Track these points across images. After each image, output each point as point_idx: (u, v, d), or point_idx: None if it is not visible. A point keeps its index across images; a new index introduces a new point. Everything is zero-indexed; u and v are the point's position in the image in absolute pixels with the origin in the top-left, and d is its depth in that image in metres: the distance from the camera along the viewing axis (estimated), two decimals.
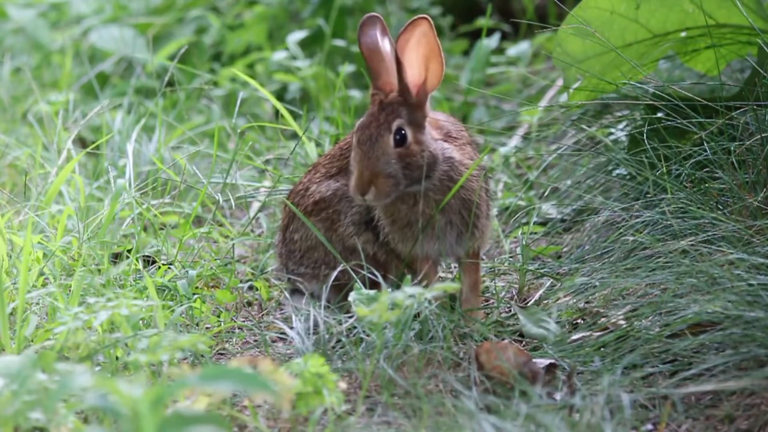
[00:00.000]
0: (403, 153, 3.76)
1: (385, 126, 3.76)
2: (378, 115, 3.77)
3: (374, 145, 3.74)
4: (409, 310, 3.52)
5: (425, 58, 3.78)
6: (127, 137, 5.07)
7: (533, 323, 3.85)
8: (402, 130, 3.76)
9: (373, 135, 3.75)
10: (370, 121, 3.77)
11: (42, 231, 4.31)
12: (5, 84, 6.37)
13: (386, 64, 3.81)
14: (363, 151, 3.74)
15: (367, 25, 3.86)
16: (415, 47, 3.76)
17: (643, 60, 4.43)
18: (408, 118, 3.78)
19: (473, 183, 3.86)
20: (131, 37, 6.62)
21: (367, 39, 3.84)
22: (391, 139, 3.75)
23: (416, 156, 3.76)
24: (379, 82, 3.82)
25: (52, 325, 3.49)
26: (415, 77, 3.78)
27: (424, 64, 3.78)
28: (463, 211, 3.84)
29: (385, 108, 3.78)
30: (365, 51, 3.83)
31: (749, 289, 3.49)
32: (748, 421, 3.31)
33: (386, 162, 3.74)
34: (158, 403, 2.70)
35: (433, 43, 3.77)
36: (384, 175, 3.74)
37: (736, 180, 4.05)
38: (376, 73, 3.82)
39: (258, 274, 4.38)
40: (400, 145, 3.76)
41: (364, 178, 3.73)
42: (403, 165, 3.75)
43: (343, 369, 3.57)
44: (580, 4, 4.35)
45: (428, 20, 3.75)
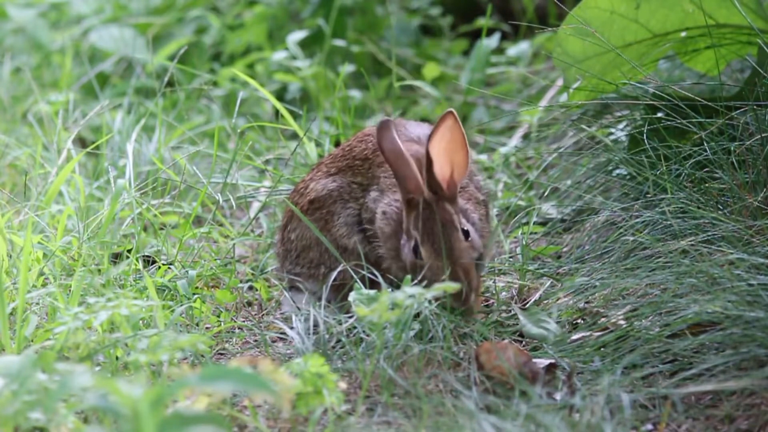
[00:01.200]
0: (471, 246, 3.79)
1: (449, 225, 3.75)
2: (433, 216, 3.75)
3: (453, 248, 3.74)
4: (409, 310, 3.52)
5: (450, 152, 3.77)
6: (127, 137, 5.07)
7: (533, 323, 3.85)
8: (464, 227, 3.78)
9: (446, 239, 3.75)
10: (432, 226, 3.74)
11: (42, 231, 4.31)
12: (5, 84, 6.37)
13: (411, 165, 3.78)
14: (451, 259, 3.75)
15: (384, 130, 3.82)
16: (444, 144, 3.76)
17: (643, 60, 4.43)
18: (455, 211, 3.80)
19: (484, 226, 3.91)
20: (131, 37, 6.62)
21: (389, 144, 3.81)
22: (461, 235, 3.77)
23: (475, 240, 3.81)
24: (410, 184, 3.79)
25: (52, 325, 3.49)
26: (443, 172, 3.78)
27: (449, 157, 3.78)
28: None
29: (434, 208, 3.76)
30: (390, 156, 3.80)
31: (749, 289, 3.49)
32: (748, 421, 3.31)
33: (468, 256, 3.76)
34: (158, 403, 2.71)
35: (459, 136, 3.76)
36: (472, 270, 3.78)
37: (736, 180, 4.05)
38: (404, 177, 3.79)
39: (258, 274, 4.38)
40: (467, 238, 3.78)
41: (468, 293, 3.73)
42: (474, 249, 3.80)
43: (343, 369, 3.57)
44: (580, 4, 4.35)
45: (454, 115, 3.76)
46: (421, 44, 6.58)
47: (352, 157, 3.99)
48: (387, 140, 3.81)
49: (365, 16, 6.52)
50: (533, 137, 5.26)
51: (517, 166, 5.24)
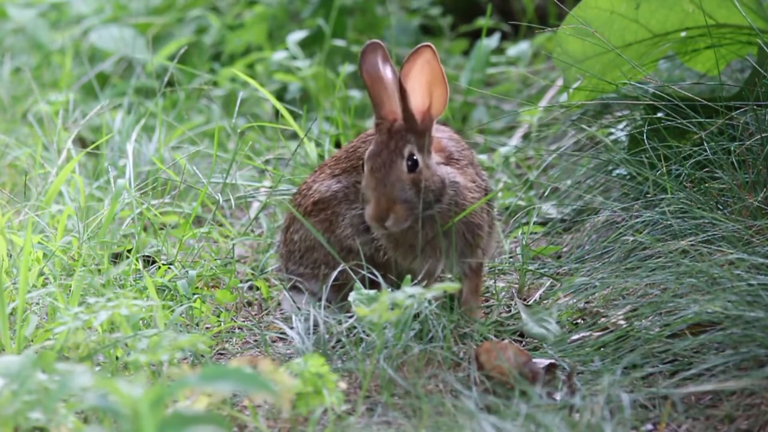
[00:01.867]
0: (415, 179, 3.75)
1: (396, 152, 3.75)
2: (388, 142, 3.76)
3: (389, 172, 3.74)
4: (409, 310, 3.52)
5: (429, 85, 3.77)
6: (127, 137, 5.07)
7: (534, 322, 3.85)
8: (413, 155, 3.76)
9: (386, 162, 3.74)
10: (381, 148, 3.76)
11: (42, 231, 4.31)
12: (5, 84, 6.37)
13: (388, 92, 3.80)
14: (378, 179, 3.73)
15: (368, 52, 3.83)
16: (419, 75, 3.75)
17: (643, 60, 4.43)
18: (417, 144, 3.77)
19: (478, 208, 3.87)
20: (131, 37, 6.62)
21: (369, 67, 3.82)
22: (404, 165, 3.75)
23: (428, 181, 3.77)
24: (383, 110, 3.80)
25: (52, 325, 3.49)
26: (419, 104, 3.77)
27: (428, 90, 3.77)
28: (466, 234, 3.85)
29: (394, 135, 3.77)
30: (367, 79, 3.81)
31: (749, 289, 3.49)
32: (748, 421, 3.31)
33: (402, 188, 3.73)
34: (158, 403, 2.70)
35: (437, 70, 3.75)
36: (401, 201, 3.73)
37: (736, 180, 4.05)
38: (379, 102, 3.80)
39: (258, 274, 4.38)
40: (412, 171, 3.75)
41: (382, 206, 3.72)
42: (416, 190, 3.75)
43: (343, 369, 3.57)
44: (580, 4, 4.35)
45: (432, 48, 3.74)
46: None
47: (357, 157, 3.99)
48: (369, 63, 3.82)
49: (365, 16, 6.52)
50: (533, 137, 5.26)
51: (517, 166, 5.24)
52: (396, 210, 3.73)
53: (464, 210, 3.83)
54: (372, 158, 3.76)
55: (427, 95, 3.77)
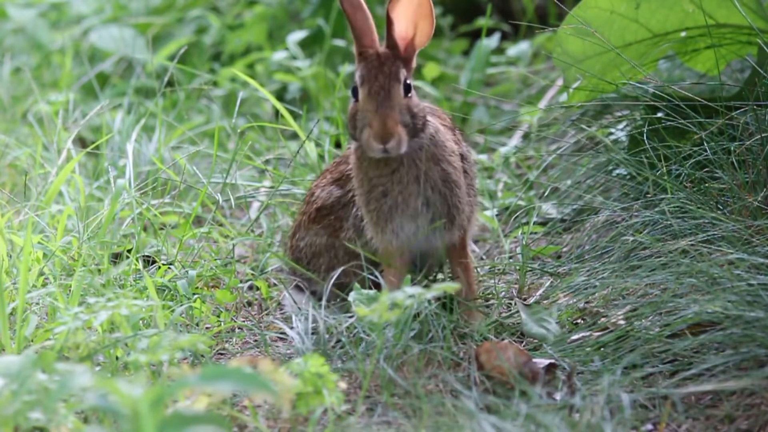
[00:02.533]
0: (410, 103, 3.76)
1: (393, 76, 3.76)
2: (381, 67, 3.76)
3: (389, 95, 3.74)
4: (409, 310, 3.52)
5: (415, 15, 3.79)
6: (127, 137, 5.07)
7: (534, 322, 3.85)
8: (407, 79, 3.77)
9: (384, 85, 3.74)
10: (376, 72, 3.76)
11: (42, 231, 4.31)
12: (5, 84, 6.37)
13: (370, 21, 3.82)
14: (379, 101, 3.73)
15: None
16: (406, 5, 3.77)
17: (643, 60, 4.43)
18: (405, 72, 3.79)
19: (455, 162, 3.85)
20: (131, 37, 6.62)
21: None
22: (401, 89, 3.75)
23: (417, 108, 3.77)
24: (365, 40, 3.81)
25: (52, 325, 3.49)
26: (402, 33, 3.79)
27: (414, 21, 3.79)
28: (442, 189, 3.83)
29: (386, 61, 3.77)
30: (348, 8, 3.82)
31: (749, 289, 3.49)
32: (748, 421, 3.31)
33: (401, 111, 3.74)
34: (158, 403, 2.70)
35: (427, 5, 3.78)
36: (402, 123, 3.73)
37: (736, 180, 4.05)
38: (361, 31, 3.81)
39: (258, 274, 4.38)
40: (407, 95, 3.77)
41: (388, 126, 3.71)
42: (410, 115, 3.76)
43: (343, 369, 3.57)
44: (580, 4, 4.35)
45: None
46: None
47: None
48: None
49: None
50: (533, 137, 5.26)
51: (517, 166, 5.24)
52: (398, 131, 3.72)
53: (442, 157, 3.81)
54: (369, 81, 3.75)
55: (411, 25, 3.79)
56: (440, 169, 3.82)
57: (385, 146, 3.71)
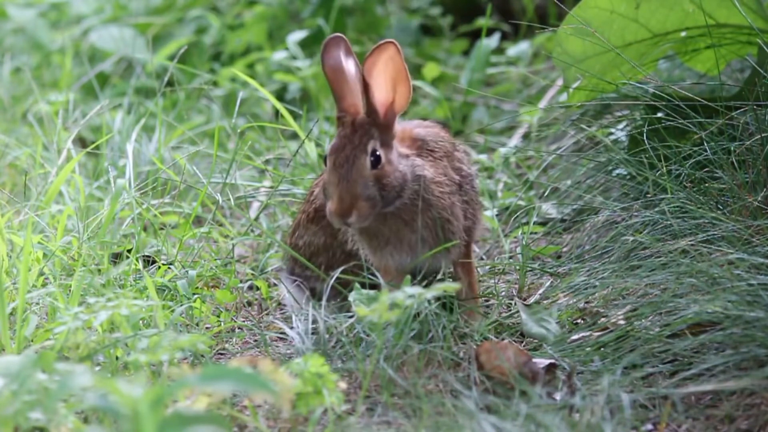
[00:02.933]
0: (378, 174, 3.72)
1: (360, 148, 3.72)
2: (352, 136, 3.73)
3: (352, 168, 3.70)
4: (409, 310, 3.52)
5: (393, 81, 3.74)
6: (127, 137, 5.07)
7: (534, 322, 3.85)
8: (376, 151, 3.73)
9: (349, 157, 3.71)
10: (344, 143, 3.73)
11: (42, 231, 4.31)
12: (5, 84, 6.37)
13: (350, 85, 3.77)
14: (341, 174, 3.70)
15: (330, 45, 3.81)
16: (383, 70, 3.72)
17: (643, 60, 4.43)
18: (380, 139, 3.74)
19: (444, 200, 3.83)
20: (131, 37, 6.62)
21: (331, 60, 3.80)
22: (368, 161, 3.71)
23: (390, 176, 3.73)
24: (344, 104, 3.77)
25: (52, 325, 3.49)
26: (382, 98, 3.75)
27: (392, 86, 3.74)
28: (434, 228, 3.82)
29: (358, 129, 3.74)
30: (329, 72, 3.78)
31: (749, 289, 3.49)
32: (748, 421, 3.31)
33: (365, 185, 3.70)
34: (158, 403, 2.70)
35: (401, 66, 3.73)
36: (364, 198, 3.70)
37: (736, 180, 4.05)
38: (341, 96, 3.77)
39: (258, 274, 4.38)
40: (375, 167, 3.72)
41: (345, 202, 3.69)
42: (379, 186, 3.72)
43: (343, 369, 3.57)
44: (580, 4, 4.35)
45: (395, 44, 3.71)
46: (421, 44, 6.58)
47: None
48: (331, 56, 3.80)
49: (365, 16, 6.52)
50: (533, 137, 5.26)
51: (517, 166, 5.24)
52: (359, 206, 3.69)
53: (431, 203, 3.80)
54: (335, 153, 3.73)
55: (390, 90, 3.75)
56: (429, 214, 3.80)
57: (344, 222, 3.70)
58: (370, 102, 3.74)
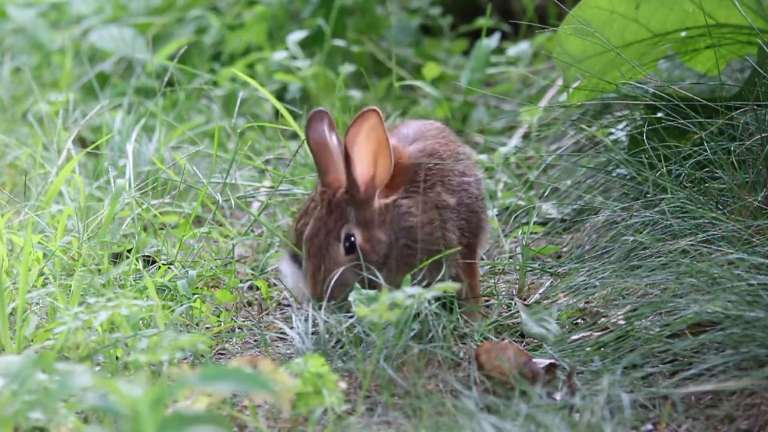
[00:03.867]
0: (354, 258, 3.73)
1: (333, 234, 3.72)
2: (327, 220, 3.73)
3: (325, 257, 3.71)
4: (409, 310, 3.52)
5: (374, 153, 3.71)
6: (127, 137, 5.07)
7: (534, 322, 3.85)
8: (351, 236, 3.72)
9: (322, 245, 3.72)
10: (319, 227, 3.73)
11: (42, 231, 4.31)
12: (5, 84, 6.37)
13: (334, 159, 3.75)
14: (315, 264, 3.72)
15: (315, 120, 3.79)
16: (364, 142, 3.70)
17: (643, 60, 4.43)
18: (357, 219, 3.73)
19: (432, 238, 3.81)
20: (131, 37, 6.62)
21: (315, 135, 3.77)
22: (341, 248, 3.72)
23: (368, 254, 3.73)
24: (328, 178, 3.76)
25: (52, 325, 3.49)
26: (363, 173, 3.72)
27: (373, 159, 3.72)
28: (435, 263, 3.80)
29: (334, 211, 3.73)
30: (314, 147, 3.76)
31: (749, 289, 3.49)
32: (748, 421, 3.31)
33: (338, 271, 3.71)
34: (158, 403, 2.70)
35: (382, 137, 3.70)
36: (338, 285, 3.71)
37: (736, 180, 4.05)
38: (325, 170, 3.76)
39: (258, 274, 4.38)
40: (350, 252, 3.72)
41: (317, 293, 3.72)
42: (356, 267, 3.72)
43: (343, 369, 3.57)
44: (580, 4, 4.35)
45: (377, 112, 3.69)
46: (421, 44, 6.58)
47: None
48: (315, 131, 3.78)
49: (365, 16, 6.52)
50: (533, 137, 5.26)
51: (517, 166, 5.24)
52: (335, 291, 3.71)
53: (422, 247, 3.78)
54: (309, 241, 3.73)
55: (371, 163, 3.72)
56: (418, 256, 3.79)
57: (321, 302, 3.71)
58: (351, 176, 3.71)
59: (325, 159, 3.77)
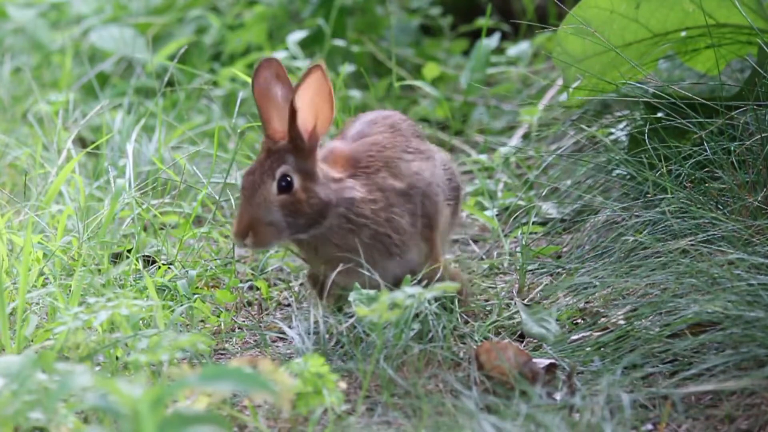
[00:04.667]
0: (287, 200, 3.70)
1: (269, 173, 3.70)
2: (264, 161, 3.71)
3: (256, 192, 3.69)
4: (409, 310, 3.52)
5: (316, 105, 3.71)
6: (127, 137, 5.07)
7: (534, 322, 3.85)
8: (287, 176, 3.70)
9: (256, 182, 3.70)
10: (255, 167, 3.72)
11: (42, 231, 4.31)
12: (5, 84, 6.37)
13: (278, 110, 3.74)
14: (245, 197, 3.70)
15: (261, 68, 3.77)
16: (307, 93, 3.69)
17: (642, 60, 4.43)
18: (296, 166, 3.71)
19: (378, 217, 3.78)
20: (131, 37, 6.62)
21: (260, 84, 3.76)
22: (274, 186, 3.69)
23: (302, 203, 3.70)
24: (269, 129, 3.75)
25: (52, 325, 3.49)
26: (306, 123, 3.71)
27: (315, 109, 3.71)
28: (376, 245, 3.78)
29: (272, 155, 3.71)
30: (257, 95, 3.75)
31: (749, 289, 3.49)
32: (748, 421, 3.31)
33: (267, 209, 3.68)
34: (158, 403, 2.70)
35: (325, 88, 3.70)
36: (264, 223, 3.68)
37: (736, 180, 4.05)
38: (267, 120, 3.74)
39: (258, 274, 4.38)
40: (284, 192, 3.70)
41: (242, 224, 3.68)
42: (286, 212, 3.69)
43: (343, 369, 3.57)
44: (580, 4, 4.35)
45: (321, 67, 3.68)
46: (421, 44, 6.58)
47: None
48: (260, 79, 3.77)
49: (365, 16, 6.52)
50: (533, 137, 5.26)
51: (517, 166, 5.24)
52: (257, 230, 3.68)
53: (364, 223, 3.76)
54: (245, 177, 3.73)
55: (313, 114, 3.71)
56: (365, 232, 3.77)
57: (242, 243, 3.70)
58: (294, 127, 3.70)
59: (267, 109, 3.75)
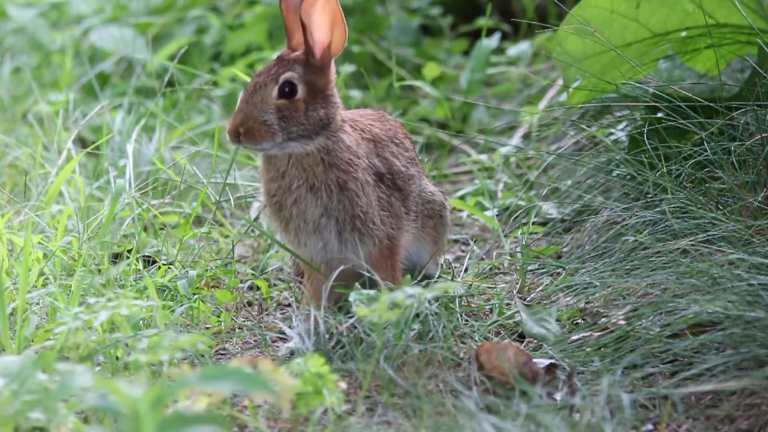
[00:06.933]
0: (285, 105, 3.76)
1: (273, 77, 3.78)
2: (272, 67, 3.81)
3: (256, 93, 3.77)
4: (409, 310, 3.52)
5: (330, 23, 3.80)
6: (127, 137, 5.07)
7: (534, 322, 3.85)
8: (292, 83, 3.77)
9: (258, 83, 3.77)
10: (263, 71, 3.81)
11: (42, 231, 4.31)
12: (5, 84, 6.37)
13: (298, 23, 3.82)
14: (245, 96, 3.77)
15: None
16: (320, 12, 3.78)
17: (643, 59, 4.43)
18: (304, 76, 3.79)
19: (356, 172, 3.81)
20: (131, 37, 6.62)
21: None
22: (275, 90, 3.76)
23: (299, 112, 3.76)
24: (292, 42, 3.86)
25: (52, 325, 3.49)
26: (321, 39, 3.80)
27: (330, 28, 3.80)
28: (340, 197, 3.79)
29: (282, 62, 3.81)
30: (284, 9, 3.86)
31: (749, 289, 3.49)
32: (748, 421, 3.31)
33: (263, 110, 3.75)
34: (158, 403, 2.70)
35: (336, 11, 3.81)
36: (258, 121, 3.74)
37: (736, 180, 4.05)
38: (290, 33, 3.86)
39: (258, 274, 4.38)
40: (284, 97, 3.76)
41: (237, 121, 3.74)
42: (281, 116, 3.75)
43: (343, 369, 3.57)
44: (580, 4, 4.35)
45: None
46: (421, 44, 6.58)
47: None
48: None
49: (365, 16, 6.52)
50: (533, 137, 5.26)
51: (517, 166, 5.24)
52: (249, 127, 3.73)
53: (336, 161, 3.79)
54: (252, 79, 3.80)
55: (328, 32, 3.81)
56: (335, 176, 3.79)
57: (235, 139, 3.73)
58: (308, 41, 3.79)
59: (291, 22, 3.85)
